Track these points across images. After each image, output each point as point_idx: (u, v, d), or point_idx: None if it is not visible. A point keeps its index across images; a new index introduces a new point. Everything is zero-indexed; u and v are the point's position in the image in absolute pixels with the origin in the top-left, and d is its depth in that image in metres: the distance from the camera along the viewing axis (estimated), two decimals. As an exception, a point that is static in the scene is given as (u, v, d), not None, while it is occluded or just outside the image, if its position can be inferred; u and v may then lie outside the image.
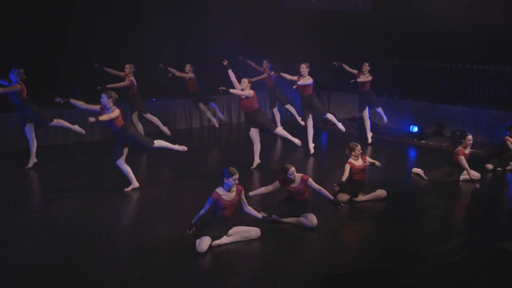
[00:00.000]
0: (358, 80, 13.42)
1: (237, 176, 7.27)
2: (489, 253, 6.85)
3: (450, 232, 8.39)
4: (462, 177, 10.35)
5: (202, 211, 7.31)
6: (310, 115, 12.51)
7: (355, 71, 13.69)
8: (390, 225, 8.47)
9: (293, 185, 8.05)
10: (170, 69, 13.83)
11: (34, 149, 10.86)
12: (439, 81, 15.63)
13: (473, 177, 10.16)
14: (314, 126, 12.58)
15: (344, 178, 8.94)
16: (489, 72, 14.51)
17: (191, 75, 13.91)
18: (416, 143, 14.01)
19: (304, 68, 12.25)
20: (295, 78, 12.32)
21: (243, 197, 7.60)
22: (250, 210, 7.72)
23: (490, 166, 11.16)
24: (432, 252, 7.51)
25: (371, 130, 13.96)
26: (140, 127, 12.97)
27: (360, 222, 8.64)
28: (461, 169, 10.21)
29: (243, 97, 10.68)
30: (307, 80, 12.18)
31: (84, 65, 13.26)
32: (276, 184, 8.18)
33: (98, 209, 8.83)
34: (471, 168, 10.13)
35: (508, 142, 11.03)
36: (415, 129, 14.54)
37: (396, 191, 9.79)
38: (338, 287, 5.02)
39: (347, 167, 9.16)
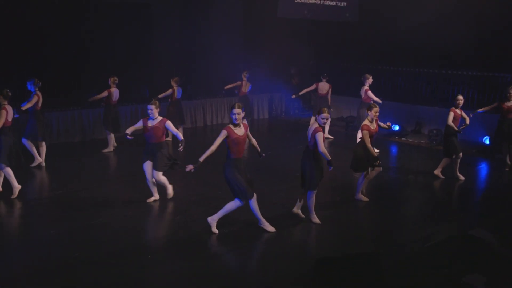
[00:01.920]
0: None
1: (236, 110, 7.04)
2: (463, 239, 6.90)
3: (428, 220, 8.41)
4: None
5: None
6: None
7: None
8: (375, 214, 8.53)
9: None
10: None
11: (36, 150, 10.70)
12: (419, 85, 15.74)
13: (456, 130, 9.88)
14: None
15: (368, 144, 8.42)
16: (463, 77, 14.64)
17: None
18: (397, 140, 14.03)
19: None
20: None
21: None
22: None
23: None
24: (413, 237, 7.57)
25: None
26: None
27: (348, 211, 8.63)
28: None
29: (149, 126, 8.13)
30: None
31: (100, 71, 13.27)
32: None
33: (113, 199, 8.87)
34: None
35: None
36: (397, 127, 14.57)
37: (379, 184, 9.83)
38: (329, 269, 5.05)
39: (366, 133, 8.46)
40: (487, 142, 12.87)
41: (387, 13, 16.29)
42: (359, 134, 11.87)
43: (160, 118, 8.14)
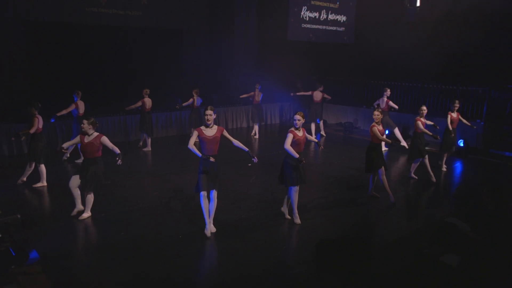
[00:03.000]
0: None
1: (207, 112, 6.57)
2: (440, 225, 6.90)
3: (409, 209, 8.42)
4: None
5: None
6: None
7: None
8: (366, 205, 8.48)
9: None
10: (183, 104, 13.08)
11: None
12: (404, 96, 15.67)
13: (431, 135, 9.46)
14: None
15: (381, 138, 8.18)
16: (441, 89, 14.61)
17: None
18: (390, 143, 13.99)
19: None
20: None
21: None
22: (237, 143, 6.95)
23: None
24: (397, 224, 7.58)
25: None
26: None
27: (342, 203, 8.60)
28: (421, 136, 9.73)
29: (84, 142, 7.22)
30: None
31: (142, 84, 13.43)
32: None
33: (151, 189, 8.98)
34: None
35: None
36: (386, 131, 14.51)
37: (367, 180, 9.80)
38: (329, 249, 5.08)
39: (375, 130, 8.21)
40: (461, 144, 12.80)
41: (377, 37, 16.50)
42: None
43: (96, 134, 7.23)
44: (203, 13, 15.62)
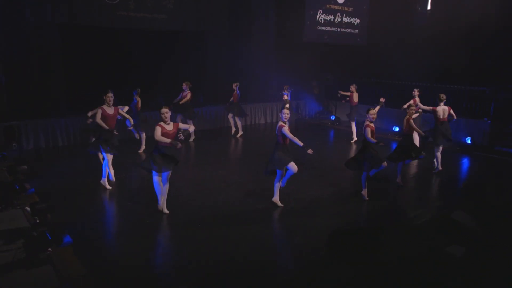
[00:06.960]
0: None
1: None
2: (446, 218, 6.84)
3: (417, 203, 8.33)
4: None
5: None
6: None
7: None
8: (374, 198, 8.31)
9: None
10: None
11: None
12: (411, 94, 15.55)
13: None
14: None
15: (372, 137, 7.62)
16: (441, 89, 14.42)
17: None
18: (396, 139, 13.87)
19: None
20: None
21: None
22: None
23: None
24: (406, 217, 7.52)
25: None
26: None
27: (353, 196, 8.46)
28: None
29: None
30: None
31: (171, 82, 13.49)
32: None
33: (175, 180, 9.01)
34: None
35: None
36: (396, 129, 14.43)
37: (379, 175, 9.67)
38: (341, 239, 5.09)
39: (369, 130, 7.66)
40: (469, 141, 12.63)
41: (387, 39, 16.38)
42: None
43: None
44: (224, 15, 15.60)
